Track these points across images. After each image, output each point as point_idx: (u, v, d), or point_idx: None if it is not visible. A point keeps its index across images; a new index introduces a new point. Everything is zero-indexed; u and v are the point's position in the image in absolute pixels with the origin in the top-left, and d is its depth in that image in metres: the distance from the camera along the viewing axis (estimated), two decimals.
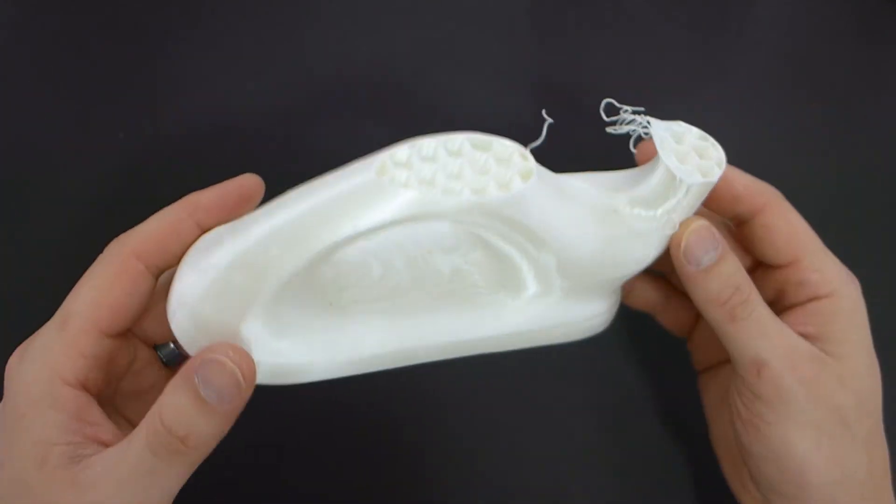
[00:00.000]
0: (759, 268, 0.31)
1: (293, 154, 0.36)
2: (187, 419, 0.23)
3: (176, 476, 0.24)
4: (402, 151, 0.24)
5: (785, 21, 0.37)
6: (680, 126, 0.28)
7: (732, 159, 0.38)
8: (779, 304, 0.30)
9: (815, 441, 0.27)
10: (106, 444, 0.24)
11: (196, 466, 0.24)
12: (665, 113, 0.37)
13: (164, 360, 0.28)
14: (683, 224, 0.28)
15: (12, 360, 0.25)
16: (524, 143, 0.27)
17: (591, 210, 0.27)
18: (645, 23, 0.37)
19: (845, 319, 0.28)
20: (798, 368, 0.27)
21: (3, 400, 0.25)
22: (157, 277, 0.26)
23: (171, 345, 0.28)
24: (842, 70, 0.37)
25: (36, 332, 0.25)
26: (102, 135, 0.37)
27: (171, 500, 0.24)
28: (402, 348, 0.29)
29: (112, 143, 0.37)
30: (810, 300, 0.28)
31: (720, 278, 0.27)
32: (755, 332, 0.27)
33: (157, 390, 0.25)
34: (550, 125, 0.26)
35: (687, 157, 0.27)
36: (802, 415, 0.27)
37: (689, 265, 0.27)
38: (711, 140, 0.28)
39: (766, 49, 0.37)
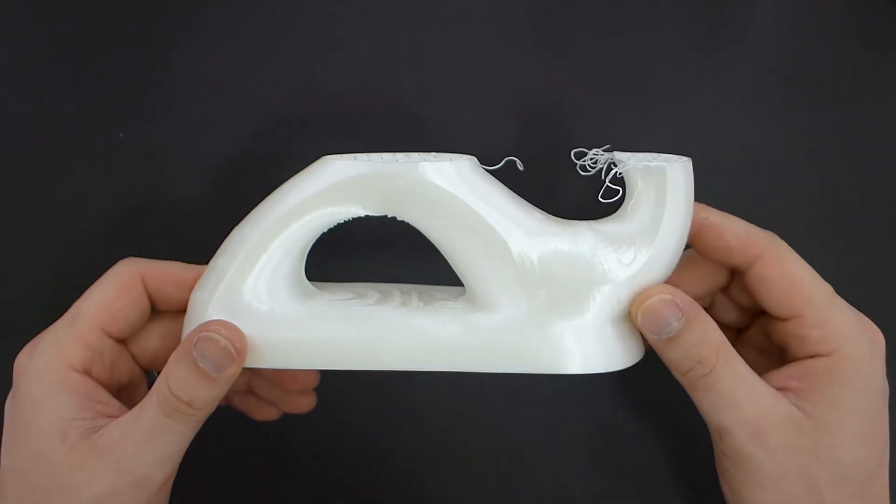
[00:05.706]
0: (765, 314, 0.29)
1: (291, 154, 0.37)
2: (191, 387, 0.26)
3: (186, 432, 0.27)
4: None
5: (785, 21, 0.37)
6: (649, 154, 0.27)
7: (732, 159, 0.38)
8: (782, 356, 0.28)
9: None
10: (116, 418, 0.27)
11: (203, 422, 0.27)
12: (665, 113, 0.37)
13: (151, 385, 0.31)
14: (645, 293, 0.26)
15: (22, 355, 0.28)
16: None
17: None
18: (644, 22, 0.37)
19: (842, 382, 0.26)
20: (764, 437, 0.25)
21: (15, 390, 0.28)
22: (151, 307, 0.29)
23: (155, 373, 0.31)
24: (842, 70, 0.37)
25: (44, 331, 0.28)
26: (102, 135, 0.37)
27: (182, 454, 0.27)
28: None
29: (112, 143, 0.37)
30: (810, 357, 0.27)
31: (681, 350, 0.26)
32: (716, 402, 0.26)
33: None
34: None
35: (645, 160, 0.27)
36: (767, 481, 0.26)
37: (648, 334, 0.26)
38: (683, 158, 0.27)
39: (766, 49, 0.37)
